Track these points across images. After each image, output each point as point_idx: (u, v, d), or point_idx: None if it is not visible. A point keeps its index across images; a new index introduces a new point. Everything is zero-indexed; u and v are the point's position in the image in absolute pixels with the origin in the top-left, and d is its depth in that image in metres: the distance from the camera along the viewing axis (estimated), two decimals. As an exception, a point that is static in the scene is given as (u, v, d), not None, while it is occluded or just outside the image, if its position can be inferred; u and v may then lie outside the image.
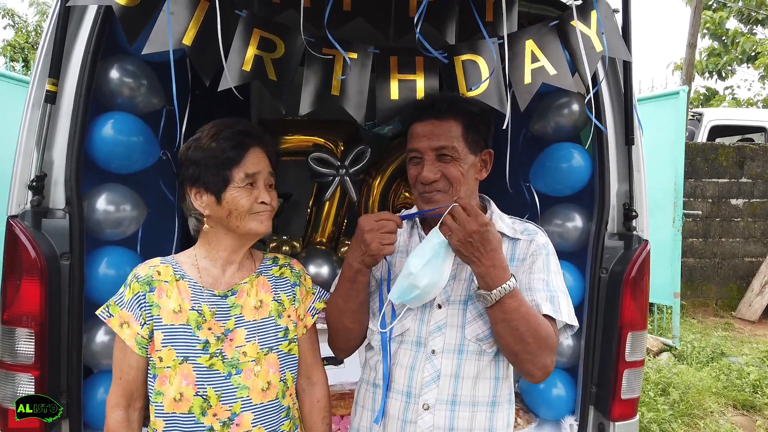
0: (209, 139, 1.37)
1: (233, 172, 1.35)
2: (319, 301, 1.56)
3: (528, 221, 1.58)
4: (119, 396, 1.38)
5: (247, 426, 1.37)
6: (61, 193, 1.81)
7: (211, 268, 1.43)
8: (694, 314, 7.00)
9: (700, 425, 3.92)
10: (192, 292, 1.39)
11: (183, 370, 1.34)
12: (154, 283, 1.38)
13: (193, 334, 1.35)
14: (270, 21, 1.80)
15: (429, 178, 1.41)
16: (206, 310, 1.38)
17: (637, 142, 2.11)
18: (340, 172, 3.16)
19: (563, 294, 1.44)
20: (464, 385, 1.42)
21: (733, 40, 13.01)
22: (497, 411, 1.46)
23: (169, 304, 1.37)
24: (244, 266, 1.48)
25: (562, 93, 2.15)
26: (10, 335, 1.73)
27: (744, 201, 7.31)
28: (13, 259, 1.73)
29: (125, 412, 1.38)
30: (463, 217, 1.26)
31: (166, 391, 1.34)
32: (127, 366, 1.38)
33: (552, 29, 1.91)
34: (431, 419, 1.41)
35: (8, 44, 12.69)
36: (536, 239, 1.49)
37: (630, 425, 2.09)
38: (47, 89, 1.76)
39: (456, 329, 1.43)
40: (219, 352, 1.37)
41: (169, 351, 1.34)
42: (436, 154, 1.41)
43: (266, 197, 1.39)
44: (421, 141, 1.42)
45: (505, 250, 1.48)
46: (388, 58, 1.95)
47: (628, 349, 2.05)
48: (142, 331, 1.35)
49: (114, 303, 1.39)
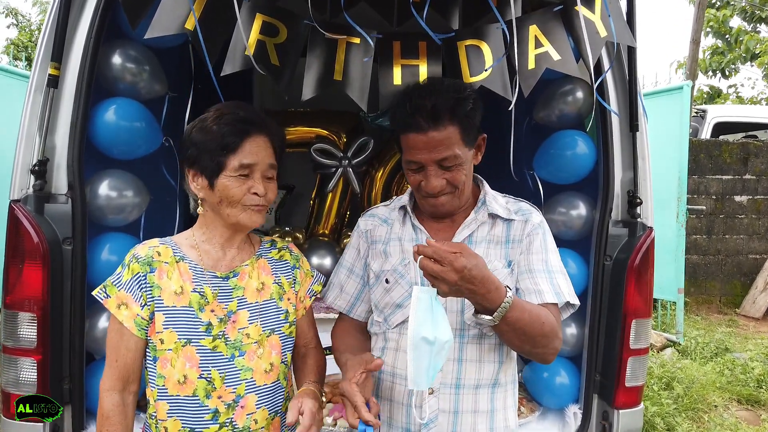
0: (212, 121, 1.34)
1: (228, 159, 1.31)
2: (317, 284, 1.56)
3: (522, 200, 1.57)
4: (115, 379, 1.34)
5: (251, 408, 1.36)
6: (63, 178, 1.81)
7: (211, 250, 1.41)
8: (698, 311, 6.97)
9: (704, 419, 3.90)
10: (193, 273, 1.37)
11: (186, 352, 1.32)
12: (155, 263, 1.35)
13: (196, 316, 1.34)
14: (272, 5, 1.79)
15: (436, 188, 1.38)
16: (208, 292, 1.36)
17: (642, 129, 2.10)
18: (342, 164, 3.15)
19: (561, 273, 1.45)
20: (467, 368, 1.41)
21: (736, 38, 12.95)
22: (497, 392, 1.46)
23: (171, 286, 1.34)
24: (244, 249, 1.46)
25: (565, 80, 2.14)
26: (13, 320, 1.73)
27: (748, 198, 7.27)
28: (16, 244, 1.73)
29: (120, 396, 1.34)
30: (440, 269, 1.16)
31: (168, 374, 1.32)
32: (124, 348, 1.34)
33: (556, 14, 1.90)
34: (436, 402, 1.41)
35: (11, 43, 12.73)
36: (531, 219, 1.48)
37: (634, 413, 2.07)
38: (49, 73, 1.76)
39: (455, 314, 1.42)
40: (222, 334, 1.35)
41: (170, 333, 1.32)
42: (438, 165, 1.36)
43: (260, 189, 1.33)
44: (421, 153, 1.34)
45: (500, 231, 1.47)
46: (391, 44, 1.94)
47: (632, 337, 2.04)
48: (142, 312, 1.32)
49: (111, 283, 1.35)
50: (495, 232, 1.47)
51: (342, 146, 3.28)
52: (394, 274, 1.48)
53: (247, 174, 1.32)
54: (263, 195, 1.34)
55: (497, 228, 1.47)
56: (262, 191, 1.33)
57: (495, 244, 1.46)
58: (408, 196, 1.56)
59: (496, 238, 1.47)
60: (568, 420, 2.16)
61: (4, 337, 1.75)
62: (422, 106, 1.32)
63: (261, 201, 1.34)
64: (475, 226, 1.46)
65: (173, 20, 1.64)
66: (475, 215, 1.47)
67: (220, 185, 1.32)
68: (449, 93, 1.34)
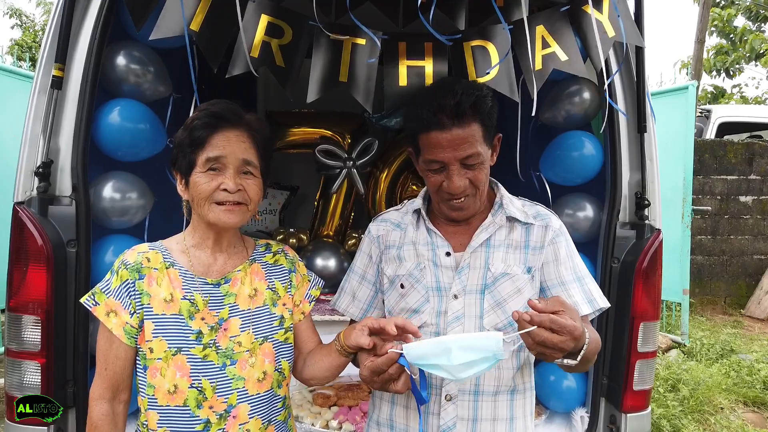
0: (189, 120, 1.31)
1: (197, 154, 1.27)
2: (315, 288, 1.52)
3: (537, 204, 1.54)
4: (104, 388, 1.31)
5: (243, 418, 1.32)
6: (67, 180, 1.80)
7: (202, 255, 1.37)
8: (703, 312, 6.94)
9: (710, 421, 3.88)
10: (183, 280, 1.33)
11: (177, 361, 1.28)
12: (144, 270, 1.31)
13: (186, 325, 1.30)
14: (277, 6, 1.78)
15: (460, 188, 1.35)
16: (199, 299, 1.32)
17: (650, 130, 2.08)
18: (347, 165, 3.14)
19: (588, 277, 1.46)
20: (486, 374, 1.38)
21: (741, 37, 12.91)
22: (516, 399, 1.43)
23: (160, 293, 1.30)
24: (237, 253, 1.42)
25: (572, 80, 2.12)
26: (17, 322, 1.72)
27: (753, 198, 7.24)
28: (20, 246, 1.72)
29: (110, 405, 1.31)
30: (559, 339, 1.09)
31: (158, 384, 1.28)
32: (114, 356, 1.30)
33: (563, 14, 1.88)
34: (454, 410, 1.38)
35: (16, 43, 12.76)
36: (551, 224, 1.46)
37: (642, 417, 2.06)
38: (53, 75, 1.75)
39: (474, 319, 1.39)
40: (213, 342, 1.31)
41: (160, 342, 1.28)
42: (461, 164, 1.34)
43: (229, 185, 1.26)
44: (445, 152, 1.31)
45: (519, 235, 1.44)
46: (397, 44, 1.93)
47: (640, 340, 2.02)
48: (131, 320, 1.29)
49: (100, 290, 1.31)
50: (514, 236, 1.44)
51: (346, 147, 3.27)
52: (410, 278, 1.45)
53: (216, 168, 1.27)
54: (233, 191, 1.27)
55: (516, 232, 1.44)
56: (231, 187, 1.26)
57: (514, 248, 1.43)
58: (421, 200, 1.53)
59: (515, 242, 1.43)
60: (575, 424, 2.14)
61: (8, 340, 1.74)
62: (445, 104, 1.30)
63: (231, 198, 1.27)
64: (493, 229, 1.43)
65: (178, 22, 1.63)
66: (492, 218, 1.44)
67: (192, 182, 1.28)
68: (470, 90, 1.32)
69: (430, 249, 1.44)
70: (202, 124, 1.28)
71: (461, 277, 1.40)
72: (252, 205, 1.33)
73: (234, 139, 1.30)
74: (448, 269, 1.41)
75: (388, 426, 1.48)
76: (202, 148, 1.27)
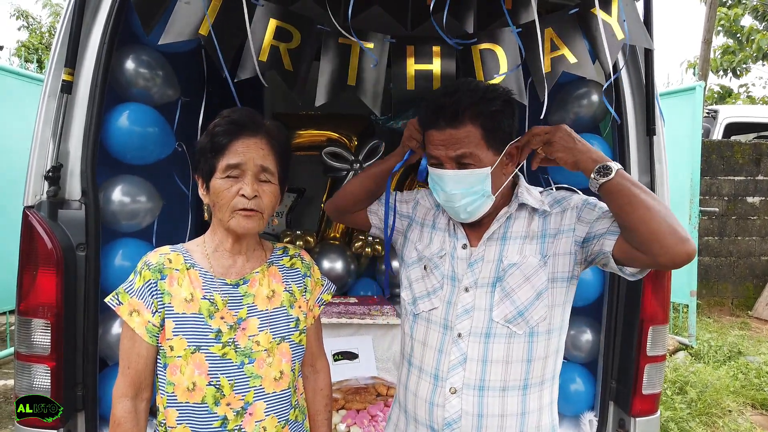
0: (211, 126, 1.35)
1: (218, 160, 1.31)
2: (326, 293, 1.55)
3: (560, 189, 1.51)
4: (127, 386, 1.35)
5: (260, 415, 1.36)
6: (77, 184, 1.81)
7: (221, 257, 1.41)
8: (710, 313, 6.91)
9: (718, 424, 3.86)
10: (203, 281, 1.37)
11: (195, 359, 1.32)
12: (165, 270, 1.36)
13: (206, 323, 1.33)
14: (286, 11, 1.79)
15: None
16: (218, 299, 1.36)
17: (659, 133, 2.07)
18: (353, 167, 3.14)
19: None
20: (493, 369, 1.37)
21: (748, 37, 12.84)
22: (530, 393, 1.40)
23: (181, 293, 1.34)
24: (255, 256, 1.45)
25: (581, 83, 2.11)
26: (27, 326, 1.73)
27: (761, 199, 7.20)
28: (30, 250, 1.73)
29: (132, 403, 1.35)
30: (549, 128, 1.38)
31: (177, 381, 1.32)
32: (136, 355, 1.34)
33: (571, 17, 1.88)
34: (458, 403, 1.38)
35: (22, 45, 12.84)
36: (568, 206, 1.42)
37: (651, 421, 2.04)
38: (63, 79, 1.75)
39: (483, 312, 1.39)
40: (232, 341, 1.35)
41: (180, 340, 1.32)
42: (456, 162, 1.36)
43: (247, 190, 1.29)
44: (438, 149, 1.37)
45: (537, 226, 1.43)
46: (405, 48, 1.93)
47: (649, 344, 2.01)
48: (153, 319, 1.33)
49: (123, 291, 1.36)
50: (532, 227, 1.43)
51: (353, 149, 3.27)
52: (431, 263, 1.49)
53: (236, 176, 1.30)
54: (251, 197, 1.30)
55: (534, 223, 1.43)
56: (249, 192, 1.29)
57: (531, 239, 1.42)
58: None
59: (532, 233, 1.42)
60: (584, 427, 2.14)
61: (18, 344, 1.75)
62: (443, 104, 1.35)
63: (249, 204, 1.30)
64: (504, 219, 1.44)
65: (187, 25, 1.64)
66: (507, 209, 1.44)
67: (212, 188, 1.32)
68: (474, 93, 1.34)
69: (451, 239, 1.48)
70: (223, 131, 1.32)
71: (473, 270, 1.41)
72: (266, 213, 1.36)
73: (253, 146, 1.33)
74: (463, 261, 1.44)
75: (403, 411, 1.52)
76: (222, 154, 1.31)
